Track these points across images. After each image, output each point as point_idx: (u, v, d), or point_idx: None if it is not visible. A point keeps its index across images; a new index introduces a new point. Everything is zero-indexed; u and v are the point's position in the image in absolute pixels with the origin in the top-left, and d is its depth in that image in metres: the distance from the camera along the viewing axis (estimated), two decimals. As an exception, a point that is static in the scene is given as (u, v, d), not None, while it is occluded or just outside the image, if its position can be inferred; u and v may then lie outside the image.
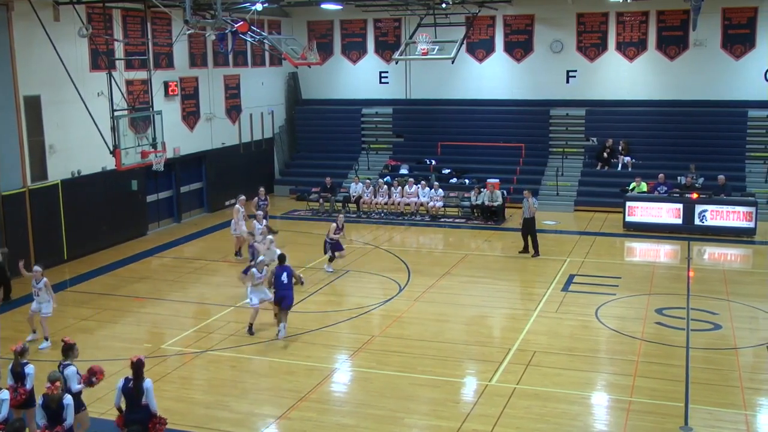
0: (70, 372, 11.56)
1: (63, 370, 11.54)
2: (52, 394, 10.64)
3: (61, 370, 11.55)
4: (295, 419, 13.33)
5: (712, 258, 24.60)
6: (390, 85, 35.65)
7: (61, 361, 11.73)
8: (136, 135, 23.31)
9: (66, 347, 11.84)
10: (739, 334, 17.14)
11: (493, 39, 34.00)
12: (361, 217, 29.80)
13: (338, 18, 35.59)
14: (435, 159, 33.70)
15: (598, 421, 13.46)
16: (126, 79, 24.98)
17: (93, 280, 21.95)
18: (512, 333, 17.29)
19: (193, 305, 19.83)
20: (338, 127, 36.07)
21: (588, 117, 32.95)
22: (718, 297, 19.68)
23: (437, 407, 13.74)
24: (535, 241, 23.99)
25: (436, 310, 18.85)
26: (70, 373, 11.55)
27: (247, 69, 33.21)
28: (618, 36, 32.53)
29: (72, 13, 23.23)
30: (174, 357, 16.19)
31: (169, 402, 13.49)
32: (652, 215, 26.84)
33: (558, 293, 20.13)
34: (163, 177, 27.57)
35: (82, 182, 24.25)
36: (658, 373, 15.01)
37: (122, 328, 18.41)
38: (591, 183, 31.16)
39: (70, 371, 11.57)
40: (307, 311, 18.96)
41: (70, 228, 23.69)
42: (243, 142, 33.19)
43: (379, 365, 15.53)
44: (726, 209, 26.21)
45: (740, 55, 31.15)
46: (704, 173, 29.03)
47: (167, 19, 27.02)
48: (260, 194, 25.48)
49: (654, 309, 18.67)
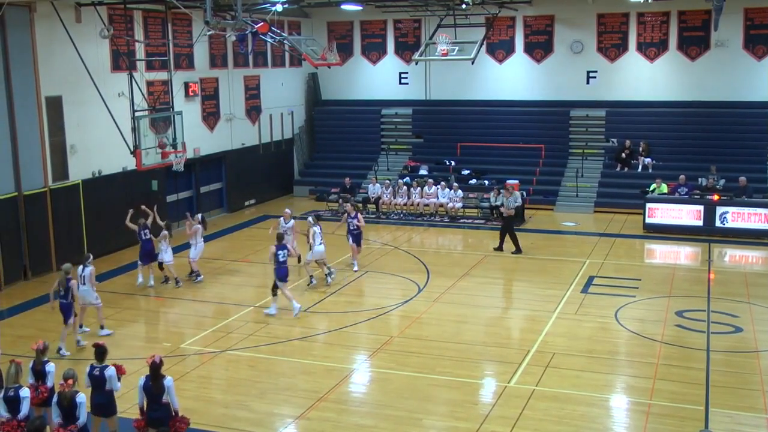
0: (111, 372, 11.57)
1: (103, 372, 11.53)
2: (64, 391, 10.71)
3: (99, 373, 11.55)
4: (314, 419, 13.35)
5: (733, 260, 24.43)
6: (409, 86, 35.65)
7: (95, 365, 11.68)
8: (157, 135, 23.42)
9: (102, 350, 11.78)
10: (760, 337, 17.01)
11: (513, 40, 33.93)
12: (380, 217, 29.82)
13: (358, 19, 35.63)
14: (454, 160, 33.66)
15: (617, 423, 13.41)
16: (146, 79, 25.13)
17: (113, 280, 22.07)
18: (531, 334, 17.25)
19: (212, 305, 19.90)
20: (358, 128, 36.11)
21: (608, 118, 32.81)
22: (739, 299, 19.54)
23: (456, 408, 13.72)
24: (514, 237, 24.41)
25: (454, 311, 18.82)
26: (112, 374, 11.57)
27: (267, 70, 33.30)
28: (638, 36, 32.38)
29: (93, 15, 23.40)
30: (193, 356, 16.26)
31: (187, 401, 13.53)
32: (672, 217, 26.68)
33: (577, 295, 20.05)
34: (183, 177, 27.68)
35: (102, 182, 24.41)
36: (677, 376, 14.92)
37: (142, 327, 18.54)
38: (611, 184, 31.03)
39: (111, 371, 11.58)
40: (326, 311, 19.01)
41: (90, 227, 23.85)
42: (263, 143, 33.28)
43: (398, 366, 15.53)
44: (747, 211, 26.02)
45: (762, 56, 30.92)
46: (725, 175, 28.85)
47: (188, 20, 27.14)
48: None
49: (674, 311, 18.56)
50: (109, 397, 11.65)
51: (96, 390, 11.61)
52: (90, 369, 11.67)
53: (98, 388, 11.59)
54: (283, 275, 18.55)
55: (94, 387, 11.62)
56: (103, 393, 11.57)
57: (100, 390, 11.58)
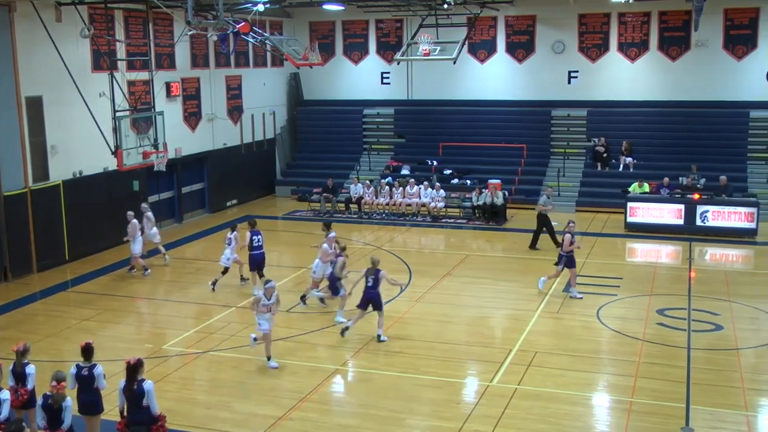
0: (100, 371, 11.60)
1: (92, 371, 11.52)
2: (56, 393, 10.63)
3: (87, 372, 11.52)
4: (297, 420, 13.33)
5: (714, 259, 24.59)
6: (391, 86, 35.66)
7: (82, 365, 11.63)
8: (138, 135, 23.33)
9: (89, 349, 11.72)
10: (740, 335, 17.13)
11: (494, 39, 34.01)
12: (362, 217, 29.82)
13: (340, 19, 35.60)
14: (436, 159, 33.71)
15: (599, 421, 13.47)
16: (128, 79, 25.01)
17: (95, 281, 21.96)
18: (514, 333, 17.29)
19: (194, 306, 19.83)
20: (340, 128, 36.08)
21: (590, 118, 32.95)
22: (720, 298, 19.67)
23: (439, 408, 13.74)
24: (536, 235, 24.69)
25: (437, 311, 18.85)
26: (101, 372, 11.60)
27: (248, 69, 33.23)
28: (620, 36, 32.52)
29: (74, 14, 23.27)
30: (175, 357, 16.20)
31: (170, 402, 13.50)
32: (653, 216, 26.83)
33: (560, 294, 20.12)
34: (164, 177, 27.60)
35: (83, 183, 24.27)
36: (659, 374, 15.00)
37: (124, 328, 18.44)
38: (592, 184, 31.17)
39: (99, 370, 11.59)
40: (309, 312, 18.98)
41: (71, 228, 23.71)
42: (244, 143, 33.19)
43: (381, 366, 15.53)
44: (727, 210, 26.21)
45: (742, 56, 31.14)
46: (706, 174, 29.05)
47: (169, 19, 27.04)
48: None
49: (655, 310, 18.67)
50: (97, 395, 11.65)
51: (84, 389, 11.58)
52: (77, 369, 11.59)
53: (86, 387, 11.57)
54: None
55: (82, 386, 11.58)
56: (92, 391, 11.56)
57: (88, 389, 11.57)
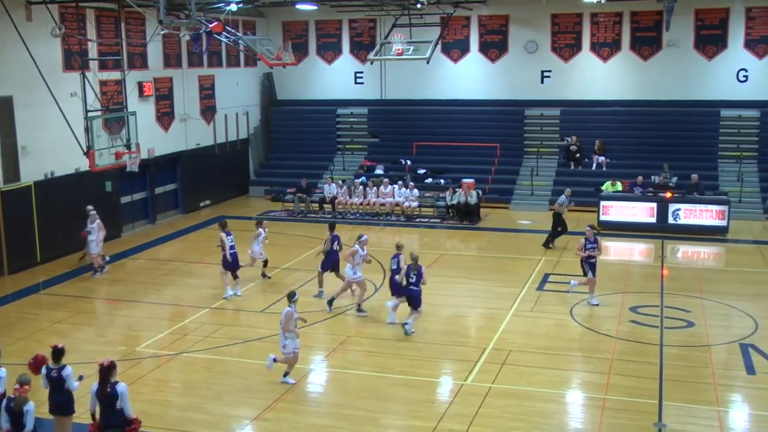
0: (69, 372, 11.59)
1: (61, 372, 11.54)
2: (18, 396, 10.59)
3: (56, 374, 11.54)
4: (272, 420, 13.31)
5: (686, 256, 24.81)
6: (365, 86, 35.66)
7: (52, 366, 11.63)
8: (110, 136, 23.17)
9: (58, 351, 11.71)
10: (712, 331, 17.29)
11: (468, 39, 34.11)
12: (336, 217, 29.76)
13: (313, 18, 35.55)
14: (410, 159, 33.75)
15: (573, 419, 13.55)
16: (100, 79, 24.84)
17: (67, 283, 21.80)
18: (488, 332, 17.35)
19: (168, 307, 19.72)
20: (313, 128, 36.04)
21: (562, 117, 33.13)
22: (692, 295, 19.86)
23: (413, 407, 13.76)
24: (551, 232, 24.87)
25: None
26: (70, 373, 11.60)
27: (221, 69, 33.10)
28: (592, 36, 32.73)
29: (45, 13, 23.05)
30: (149, 359, 16.11)
31: (144, 405, 13.42)
32: (626, 214, 27.02)
33: (533, 292, 20.22)
34: (137, 178, 27.42)
35: (55, 183, 24.07)
36: (632, 371, 15.12)
37: (97, 330, 18.32)
38: (566, 183, 31.17)
39: (68, 371, 11.59)
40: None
41: (43, 230, 23.50)
42: (218, 143, 33.05)
43: (355, 365, 15.53)
44: (699, 208, 26.47)
45: (713, 56, 31.44)
46: (677, 172, 29.29)
47: (141, 19, 26.87)
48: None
49: (628, 307, 18.81)
50: (68, 396, 11.65)
51: (55, 390, 11.61)
52: (47, 370, 11.60)
53: (57, 388, 11.59)
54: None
55: (53, 387, 11.61)
56: (62, 392, 11.58)
57: (59, 390, 11.58)
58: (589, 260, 19.26)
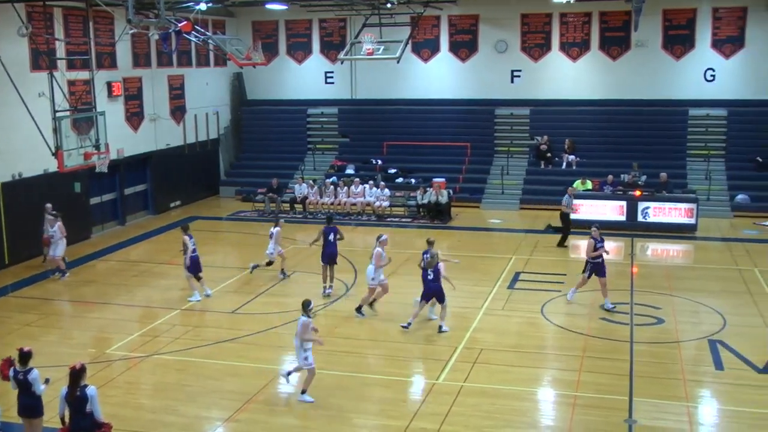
0: (35, 375, 11.53)
1: (27, 376, 11.48)
2: None
3: (23, 377, 11.48)
4: (243, 421, 13.26)
5: (655, 254, 25.01)
6: (335, 86, 35.63)
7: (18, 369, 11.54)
8: (79, 136, 22.95)
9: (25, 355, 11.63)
10: (681, 327, 17.47)
11: (438, 39, 34.18)
12: (307, 217, 29.74)
13: (283, 18, 35.46)
14: (381, 159, 33.77)
15: (545, 416, 13.63)
16: (68, 79, 24.60)
17: (36, 285, 21.57)
18: (459, 331, 17.39)
19: (138, 309, 19.57)
20: (284, 128, 35.97)
21: (532, 116, 33.30)
22: (661, 292, 20.05)
23: (386, 406, 13.77)
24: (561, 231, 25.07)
25: (383, 310, 18.81)
26: (36, 377, 11.53)
27: (191, 69, 32.93)
28: (561, 36, 32.92)
29: (11, 12, 22.73)
30: (119, 362, 15.99)
31: (114, 407, 13.32)
32: (596, 213, 27.14)
33: (504, 291, 20.31)
34: (107, 179, 27.19)
35: (23, 184, 23.81)
36: (603, 368, 15.23)
37: (67, 333, 18.14)
38: (536, 182, 31.48)
39: (34, 375, 11.53)
40: (254, 312, 18.87)
41: (11, 231, 23.25)
42: (188, 143, 32.86)
43: (328, 365, 15.48)
44: (668, 206, 26.73)
45: (680, 56, 31.74)
46: (647, 171, 29.51)
47: (110, 18, 26.64)
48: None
49: (599, 305, 18.92)
50: (36, 398, 11.59)
51: (23, 392, 11.58)
52: (14, 372, 11.56)
53: (25, 390, 11.56)
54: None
55: (21, 389, 11.59)
56: (30, 395, 11.52)
57: (26, 392, 11.54)
58: (595, 259, 19.21)
